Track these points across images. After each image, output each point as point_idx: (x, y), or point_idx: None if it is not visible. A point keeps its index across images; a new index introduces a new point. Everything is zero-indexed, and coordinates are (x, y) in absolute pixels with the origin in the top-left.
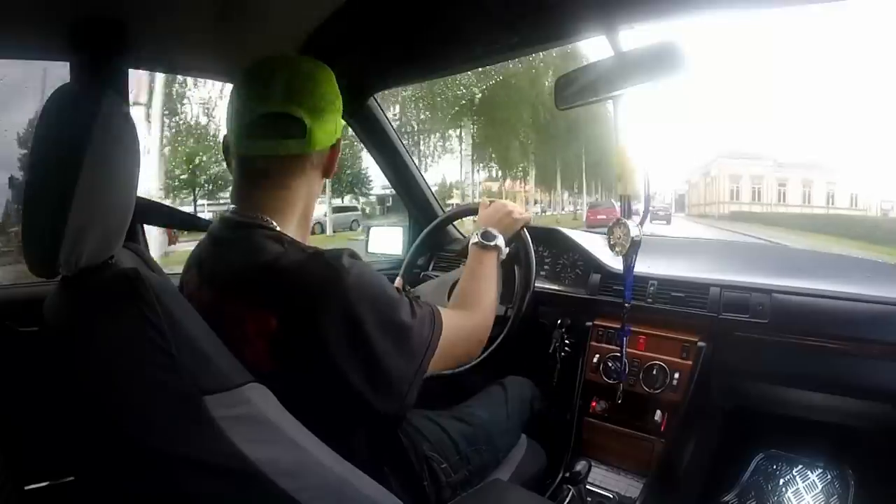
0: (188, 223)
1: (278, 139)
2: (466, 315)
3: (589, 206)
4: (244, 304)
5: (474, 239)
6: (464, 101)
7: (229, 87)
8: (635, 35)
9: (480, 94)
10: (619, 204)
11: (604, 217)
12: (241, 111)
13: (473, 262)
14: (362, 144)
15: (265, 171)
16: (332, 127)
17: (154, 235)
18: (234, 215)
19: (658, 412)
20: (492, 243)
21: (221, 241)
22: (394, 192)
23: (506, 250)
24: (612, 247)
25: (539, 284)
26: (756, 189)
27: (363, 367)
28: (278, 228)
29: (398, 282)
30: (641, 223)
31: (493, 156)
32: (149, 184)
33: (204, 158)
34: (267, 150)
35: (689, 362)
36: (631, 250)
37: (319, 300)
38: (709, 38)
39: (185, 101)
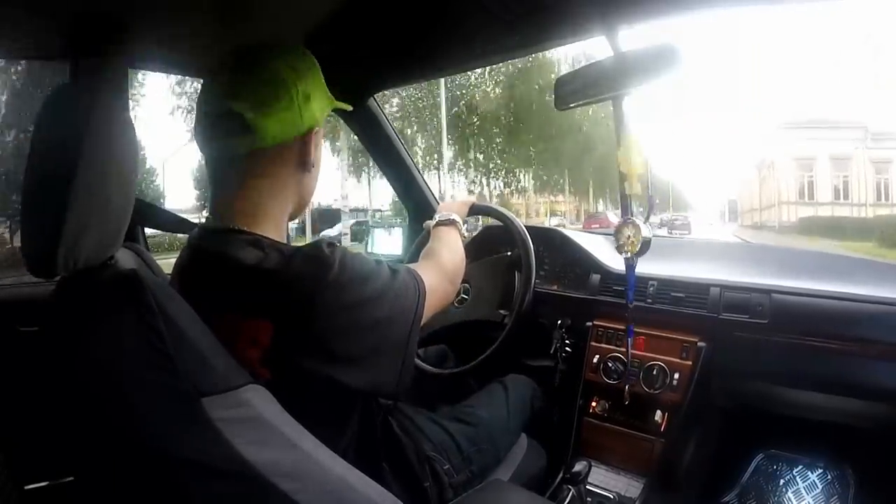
0: (186, 227)
1: (223, 139)
2: (434, 262)
3: (586, 216)
4: (231, 315)
5: (432, 222)
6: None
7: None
8: (635, 34)
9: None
10: (608, 211)
11: (597, 226)
12: (196, 111)
13: (434, 233)
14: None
15: (224, 173)
16: (293, 117)
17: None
18: (210, 222)
19: (658, 412)
20: (447, 217)
21: (199, 250)
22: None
23: (463, 225)
24: (619, 248)
25: (539, 284)
26: (842, 181)
27: (366, 338)
28: (255, 232)
29: None
30: (646, 222)
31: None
32: None
33: None
34: (216, 150)
35: (689, 362)
36: (641, 251)
37: (312, 296)
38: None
39: None
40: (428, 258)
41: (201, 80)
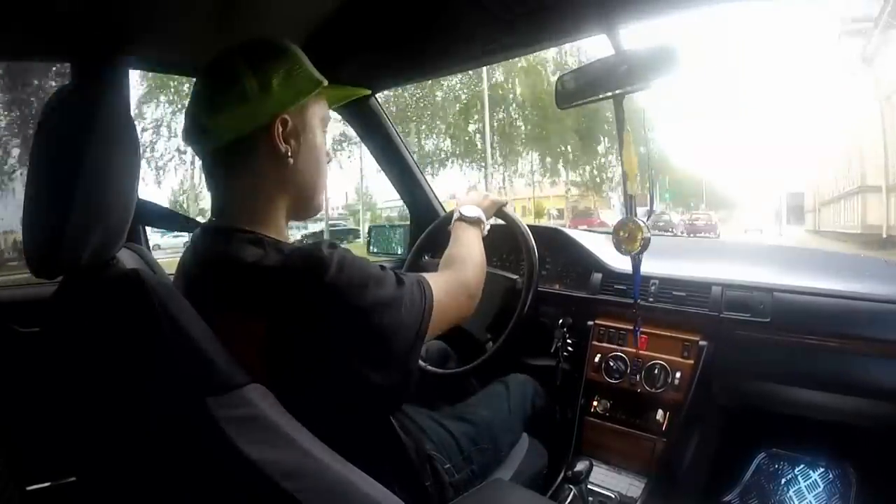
0: (188, 226)
1: (193, 143)
2: (454, 274)
3: (573, 214)
4: (230, 313)
5: (456, 216)
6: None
7: None
8: (635, 34)
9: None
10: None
11: (585, 227)
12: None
13: (457, 233)
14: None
15: (211, 174)
16: (248, 110)
17: None
18: (211, 222)
19: (659, 411)
20: (473, 216)
21: (200, 249)
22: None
23: (487, 226)
24: (618, 246)
25: (540, 284)
26: None
27: (363, 348)
28: (255, 231)
29: None
30: (647, 218)
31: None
32: None
33: None
34: (196, 153)
35: (691, 361)
36: (641, 249)
37: (307, 296)
38: None
39: None
40: (448, 267)
41: None
